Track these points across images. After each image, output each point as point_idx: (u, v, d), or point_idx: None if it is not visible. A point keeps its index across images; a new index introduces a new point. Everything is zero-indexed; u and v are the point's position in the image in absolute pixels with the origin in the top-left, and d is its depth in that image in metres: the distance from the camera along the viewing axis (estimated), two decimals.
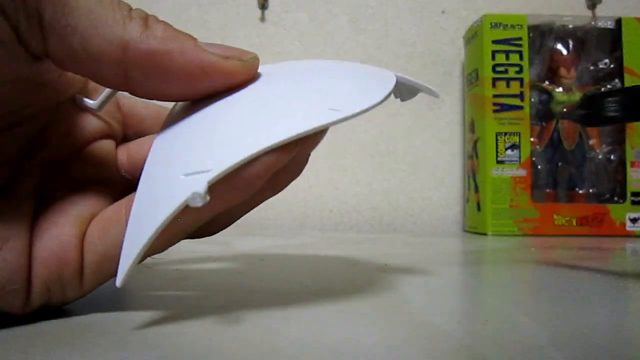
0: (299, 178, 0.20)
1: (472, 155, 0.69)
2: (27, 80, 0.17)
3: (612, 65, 0.66)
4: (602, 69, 0.66)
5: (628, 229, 0.63)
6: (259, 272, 0.29)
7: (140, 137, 0.23)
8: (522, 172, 0.63)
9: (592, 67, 0.67)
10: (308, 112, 0.17)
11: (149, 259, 0.23)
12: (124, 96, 0.23)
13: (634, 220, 0.63)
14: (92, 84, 0.21)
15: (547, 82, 0.66)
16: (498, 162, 0.63)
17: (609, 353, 0.14)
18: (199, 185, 0.15)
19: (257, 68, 0.18)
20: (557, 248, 0.47)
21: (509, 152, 0.64)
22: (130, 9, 0.17)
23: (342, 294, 0.22)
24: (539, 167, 0.65)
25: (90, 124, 0.21)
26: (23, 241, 0.17)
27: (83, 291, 0.18)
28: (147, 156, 0.18)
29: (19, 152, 0.18)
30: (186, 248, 0.40)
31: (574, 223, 0.63)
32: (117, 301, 0.21)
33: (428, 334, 0.16)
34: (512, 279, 0.30)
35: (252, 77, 0.18)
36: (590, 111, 0.21)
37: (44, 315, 0.18)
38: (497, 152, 0.64)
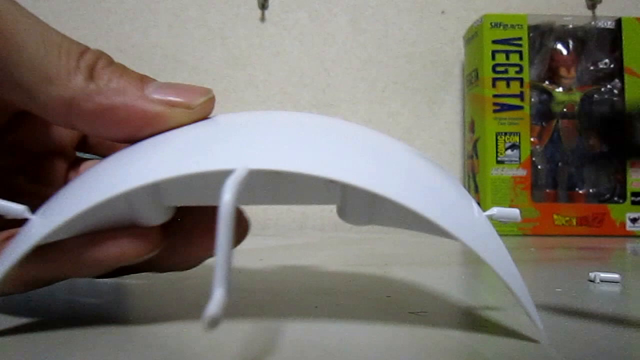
0: None
1: (472, 155, 0.69)
2: None
3: (612, 65, 0.66)
4: (602, 68, 0.66)
5: (628, 229, 0.63)
6: (259, 272, 0.29)
7: (104, 145, 0.22)
8: (522, 172, 0.63)
9: (592, 67, 0.67)
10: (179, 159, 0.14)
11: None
12: None
13: (634, 220, 0.63)
14: None
15: (547, 82, 0.66)
16: (498, 162, 0.63)
17: (609, 353, 0.14)
18: (31, 237, 0.14)
19: (209, 111, 0.17)
20: (557, 248, 0.47)
21: (509, 152, 0.64)
22: (81, 55, 0.16)
23: (342, 294, 0.22)
24: (539, 167, 0.65)
25: (44, 139, 0.20)
26: None
27: None
28: None
29: None
30: None
31: (574, 223, 0.63)
32: (117, 301, 0.21)
33: (428, 334, 0.16)
34: None
35: (199, 120, 0.17)
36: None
37: (44, 316, 0.18)
38: (497, 152, 0.64)
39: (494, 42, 0.64)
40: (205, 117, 0.17)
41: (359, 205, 0.16)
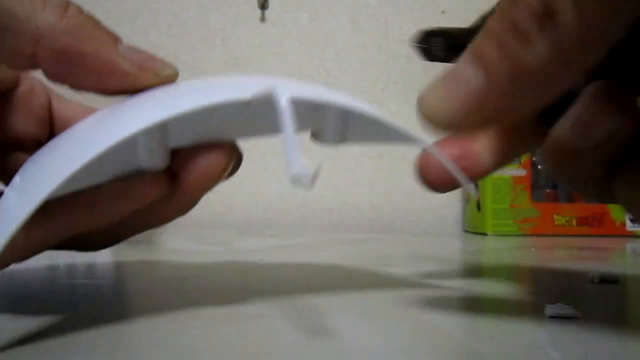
0: None
1: None
2: None
3: None
4: None
5: (628, 229, 0.63)
6: (259, 272, 0.29)
7: None
8: (522, 172, 0.63)
9: None
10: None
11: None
12: (59, 98, 0.22)
13: (634, 220, 0.63)
14: (24, 87, 0.20)
15: None
16: None
17: (609, 353, 0.14)
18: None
19: (170, 82, 0.18)
20: (557, 248, 0.47)
21: None
22: None
23: (342, 294, 0.22)
24: (539, 167, 0.65)
25: (10, 133, 0.20)
26: None
27: None
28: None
29: None
30: (186, 248, 0.40)
31: (574, 223, 0.63)
32: (117, 301, 0.21)
33: (428, 334, 0.16)
34: (512, 279, 0.30)
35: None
36: (423, 46, 0.22)
37: (43, 316, 0.18)
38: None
39: None
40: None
41: (334, 128, 0.18)
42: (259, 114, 0.17)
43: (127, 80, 0.17)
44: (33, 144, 0.21)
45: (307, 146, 0.17)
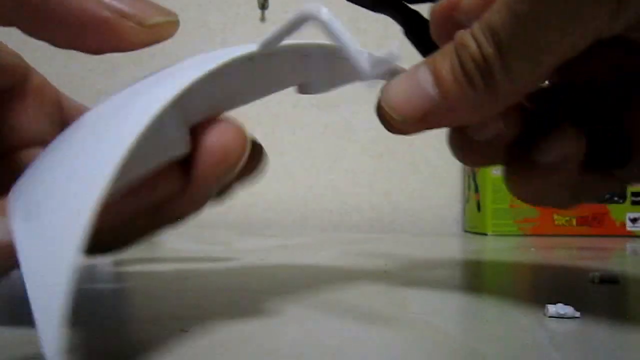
0: (299, 178, 0.20)
1: None
2: None
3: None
4: None
5: (628, 229, 0.63)
6: (259, 272, 0.29)
7: None
8: None
9: None
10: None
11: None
12: (67, 97, 0.21)
13: (634, 220, 0.63)
14: (36, 82, 0.19)
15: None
16: None
17: (609, 353, 0.14)
18: None
19: (166, 36, 0.16)
20: (557, 248, 0.47)
21: None
22: None
23: (342, 294, 0.22)
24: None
25: (21, 128, 0.19)
26: None
27: None
28: None
29: None
30: (186, 248, 0.40)
31: (574, 223, 0.63)
32: (117, 302, 0.21)
33: (428, 334, 0.16)
34: (512, 279, 0.30)
35: (155, 42, 0.16)
36: None
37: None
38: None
39: None
40: (159, 42, 0.16)
41: (322, 74, 0.18)
42: (261, 71, 0.17)
43: (103, 30, 0.14)
44: (43, 141, 0.20)
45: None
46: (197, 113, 0.16)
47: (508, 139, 0.18)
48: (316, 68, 0.18)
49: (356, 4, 0.21)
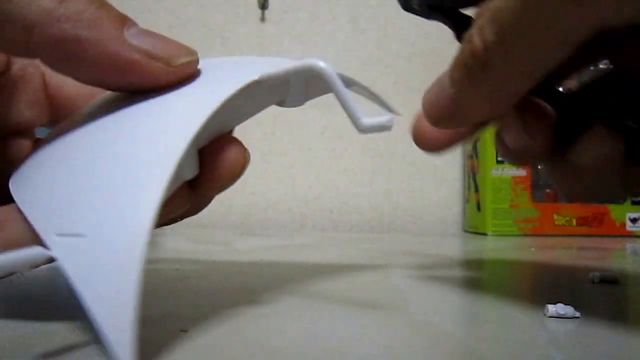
0: (299, 178, 0.20)
1: (472, 155, 0.69)
2: None
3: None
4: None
5: (628, 229, 0.63)
6: (259, 272, 0.29)
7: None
8: (522, 172, 0.63)
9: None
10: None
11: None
12: (52, 75, 0.20)
13: (634, 220, 0.63)
14: (15, 70, 0.19)
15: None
16: (498, 162, 0.63)
17: (609, 353, 0.14)
18: None
19: (191, 73, 0.16)
20: (557, 248, 0.47)
21: None
22: None
23: (342, 294, 0.22)
24: (539, 167, 0.65)
25: (6, 118, 0.19)
26: None
27: None
28: None
29: None
30: (186, 248, 0.40)
31: (574, 223, 0.63)
32: None
33: (428, 334, 0.16)
34: (512, 279, 0.30)
35: (183, 81, 0.16)
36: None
37: (46, 317, 0.18)
38: (497, 152, 0.64)
39: None
40: (184, 81, 0.16)
41: (298, 90, 0.19)
42: (265, 92, 0.17)
43: (133, 71, 0.15)
44: (31, 128, 0.20)
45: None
46: (207, 138, 0.17)
47: (540, 147, 0.19)
48: (295, 86, 0.19)
49: (414, 13, 0.23)
